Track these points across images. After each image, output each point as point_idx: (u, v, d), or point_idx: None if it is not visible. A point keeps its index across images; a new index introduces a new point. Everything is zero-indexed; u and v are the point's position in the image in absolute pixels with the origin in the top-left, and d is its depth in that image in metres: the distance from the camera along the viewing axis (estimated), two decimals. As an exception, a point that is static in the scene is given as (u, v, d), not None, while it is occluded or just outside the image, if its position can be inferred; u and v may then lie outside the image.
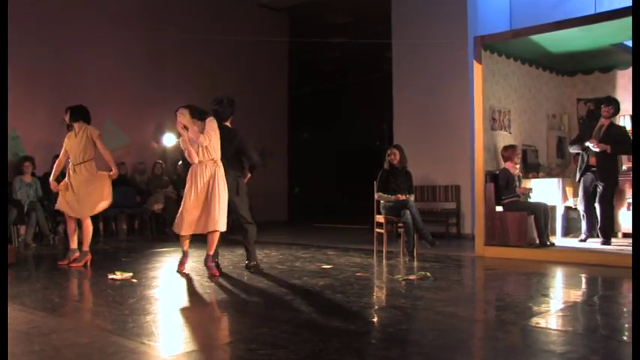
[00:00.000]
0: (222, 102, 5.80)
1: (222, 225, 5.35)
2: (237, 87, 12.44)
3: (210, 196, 5.32)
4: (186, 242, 5.56)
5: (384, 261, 6.67)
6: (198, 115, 5.46)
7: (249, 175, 5.96)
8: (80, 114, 6.37)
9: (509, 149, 7.29)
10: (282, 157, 14.52)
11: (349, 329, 3.44)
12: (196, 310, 4.25)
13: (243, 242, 5.79)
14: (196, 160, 5.38)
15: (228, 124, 5.85)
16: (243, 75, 13.14)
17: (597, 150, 6.83)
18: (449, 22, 9.69)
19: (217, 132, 5.42)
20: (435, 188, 9.80)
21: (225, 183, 5.43)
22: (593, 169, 6.99)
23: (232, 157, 5.69)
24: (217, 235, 5.42)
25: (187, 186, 5.42)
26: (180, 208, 5.44)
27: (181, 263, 5.60)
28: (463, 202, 9.54)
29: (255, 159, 5.90)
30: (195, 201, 5.35)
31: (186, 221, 5.36)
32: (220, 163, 5.44)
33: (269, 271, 5.80)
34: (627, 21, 6.49)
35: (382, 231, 7.03)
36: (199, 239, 5.63)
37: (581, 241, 7.20)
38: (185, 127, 5.37)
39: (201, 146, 5.32)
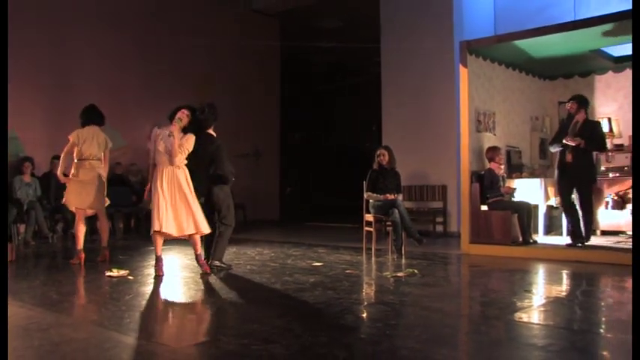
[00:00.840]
0: (204, 110, 5.66)
1: (206, 227, 5.34)
2: (230, 90, 12.45)
3: (185, 198, 5.27)
4: (160, 246, 5.39)
5: (373, 258, 6.69)
6: (190, 127, 5.42)
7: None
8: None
9: (491, 150, 7.33)
10: (274, 158, 14.51)
11: (339, 324, 3.45)
12: (190, 306, 4.25)
13: (215, 239, 5.63)
14: (160, 164, 5.31)
15: (211, 131, 5.75)
16: (237, 78, 13.11)
17: (573, 144, 6.72)
18: (435, 27, 9.72)
19: (191, 149, 5.36)
20: (423, 188, 9.83)
21: (191, 186, 5.36)
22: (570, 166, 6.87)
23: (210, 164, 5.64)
24: (199, 236, 5.41)
25: (156, 186, 5.26)
26: (155, 209, 5.24)
27: (159, 268, 5.36)
28: (449, 201, 9.57)
29: (226, 170, 5.71)
30: (164, 201, 5.22)
31: (164, 218, 5.19)
32: (186, 170, 5.38)
33: (262, 269, 5.80)
34: (604, 28, 6.59)
35: (371, 229, 7.05)
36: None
37: (569, 245, 6.90)
38: (171, 134, 5.31)
39: (173, 157, 5.25)
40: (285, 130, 15.50)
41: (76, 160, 6.28)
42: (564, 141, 6.82)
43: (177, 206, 5.26)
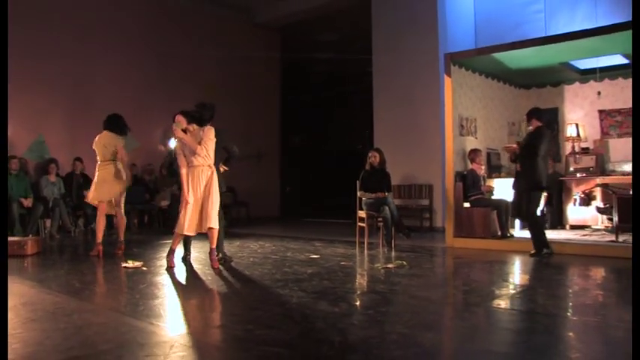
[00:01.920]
0: (205, 106, 5.51)
1: (216, 222, 5.19)
2: (235, 96, 12.45)
3: (207, 198, 5.18)
4: (178, 243, 5.37)
5: (365, 251, 6.70)
6: (197, 121, 5.31)
7: (224, 168, 5.74)
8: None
9: (473, 152, 7.35)
10: (275, 160, 14.51)
11: (334, 311, 3.46)
12: (199, 294, 4.25)
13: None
14: (184, 167, 5.21)
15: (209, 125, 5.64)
16: (242, 86, 13.12)
17: (509, 151, 6.49)
18: (422, 41, 9.73)
19: (214, 140, 5.25)
20: (411, 187, 9.84)
21: (218, 186, 5.29)
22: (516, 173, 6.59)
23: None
24: (216, 231, 5.24)
25: (186, 189, 5.18)
26: (183, 211, 5.18)
27: (170, 260, 5.31)
28: (435, 199, 9.59)
29: (236, 150, 5.72)
30: (195, 203, 5.17)
31: (190, 222, 5.17)
32: (214, 168, 5.28)
33: (263, 261, 5.81)
34: (572, 44, 6.66)
35: (364, 225, 7.05)
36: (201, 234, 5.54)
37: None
38: (184, 131, 5.22)
39: (198, 154, 5.14)
40: (285, 133, 15.49)
41: (100, 162, 6.34)
42: (503, 147, 6.60)
43: (199, 205, 5.18)
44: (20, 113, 9.19)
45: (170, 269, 5.19)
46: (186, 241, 5.67)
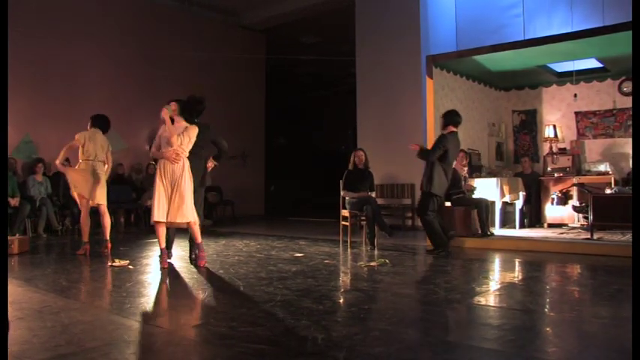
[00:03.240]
0: (197, 99, 5.53)
1: (192, 216, 5.10)
2: (220, 97, 12.37)
3: (180, 188, 5.05)
4: (162, 238, 5.19)
5: (348, 250, 6.71)
6: (187, 114, 5.26)
7: (214, 164, 5.67)
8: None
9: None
10: (260, 159, 14.48)
11: (318, 309, 3.47)
12: (184, 292, 4.23)
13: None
14: (156, 154, 5.14)
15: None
16: (227, 86, 13.07)
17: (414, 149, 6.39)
18: (404, 43, 9.79)
19: (193, 140, 5.19)
20: (393, 186, 9.88)
21: (191, 176, 5.18)
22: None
23: (199, 151, 5.40)
24: (194, 225, 5.16)
25: (157, 178, 5.09)
26: (153, 200, 5.09)
27: (163, 260, 5.17)
28: (417, 198, 9.61)
29: (225, 145, 5.68)
30: (164, 192, 5.06)
31: (160, 209, 5.03)
32: (186, 162, 5.17)
33: (248, 259, 5.79)
34: (549, 47, 6.78)
35: (347, 224, 7.07)
36: (185, 231, 5.51)
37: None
38: (171, 118, 5.14)
39: (171, 145, 5.06)
40: (270, 134, 15.48)
41: (80, 160, 6.22)
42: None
43: (171, 196, 5.05)
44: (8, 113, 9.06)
45: (164, 270, 5.03)
46: (167, 239, 5.49)
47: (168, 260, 5.33)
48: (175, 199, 5.07)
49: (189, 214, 5.10)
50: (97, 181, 6.18)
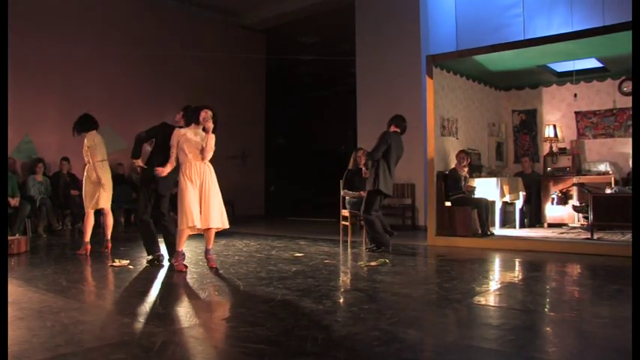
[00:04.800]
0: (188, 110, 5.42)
1: (218, 222, 4.97)
2: (220, 97, 12.36)
3: (211, 193, 4.93)
4: (184, 242, 5.01)
5: (348, 249, 6.72)
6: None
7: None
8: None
9: (458, 154, 7.44)
10: (260, 159, 14.46)
11: (318, 309, 3.46)
12: (184, 293, 4.23)
13: (170, 238, 5.39)
14: (183, 159, 5.00)
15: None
16: (227, 86, 13.06)
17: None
18: (404, 43, 9.79)
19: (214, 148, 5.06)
20: (393, 186, 9.83)
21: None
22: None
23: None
24: (213, 231, 5.03)
25: (184, 182, 4.89)
26: (184, 205, 4.83)
27: (179, 264, 4.96)
28: (417, 198, 9.64)
29: (144, 135, 5.69)
30: (195, 196, 4.88)
31: (195, 214, 4.82)
32: (211, 166, 5.08)
33: (248, 259, 5.79)
34: (549, 47, 6.78)
35: (347, 223, 7.07)
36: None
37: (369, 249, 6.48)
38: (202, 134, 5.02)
39: (205, 152, 4.96)
40: (270, 133, 15.48)
41: (98, 162, 6.14)
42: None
43: (206, 200, 4.90)
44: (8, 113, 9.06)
45: (180, 273, 4.85)
46: (169, 241, 5.44)
47: (164, 262, 5.35)
48: (214, 203, 4.91)
49: (215, 221, 4.94)
50: (101, 186, 6.17)
